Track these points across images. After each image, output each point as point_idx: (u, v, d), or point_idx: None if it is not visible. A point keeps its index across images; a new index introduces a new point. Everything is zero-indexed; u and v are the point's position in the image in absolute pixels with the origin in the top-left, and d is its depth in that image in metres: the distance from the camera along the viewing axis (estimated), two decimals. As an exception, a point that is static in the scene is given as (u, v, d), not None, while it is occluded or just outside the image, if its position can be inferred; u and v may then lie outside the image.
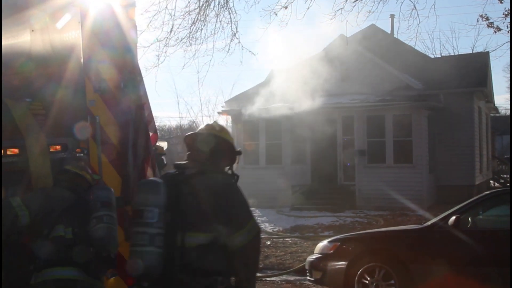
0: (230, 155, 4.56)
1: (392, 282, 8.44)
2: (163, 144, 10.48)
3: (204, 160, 4.37)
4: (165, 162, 10.38)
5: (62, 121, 5.87)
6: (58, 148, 5.73)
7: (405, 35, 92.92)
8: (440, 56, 36.13)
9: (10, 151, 5.34)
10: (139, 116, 6.38)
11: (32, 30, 6.10)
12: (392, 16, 30.84)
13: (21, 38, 6.09)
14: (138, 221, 4.08)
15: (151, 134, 6.79)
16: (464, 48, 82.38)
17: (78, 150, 5.75)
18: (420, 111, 22.05)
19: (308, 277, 9.69)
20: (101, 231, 4.79)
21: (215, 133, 4.46)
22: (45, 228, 4.79)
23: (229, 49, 14.80)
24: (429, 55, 33.93)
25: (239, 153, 4.61)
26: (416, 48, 34.19)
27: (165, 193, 4.09)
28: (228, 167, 4.55)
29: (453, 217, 8.32)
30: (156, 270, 4.00)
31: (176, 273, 4.01)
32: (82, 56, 5.97)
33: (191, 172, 4.26)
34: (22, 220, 4.73)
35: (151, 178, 4.72)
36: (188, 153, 4.48)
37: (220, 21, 14.13)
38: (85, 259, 4.81)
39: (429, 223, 8.93)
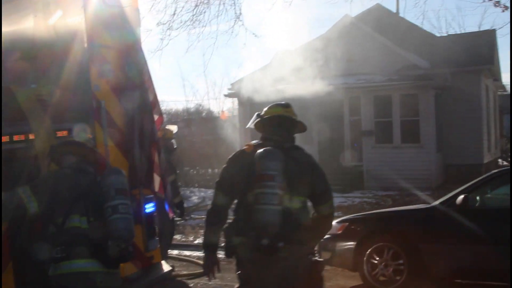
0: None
1: (401, 261, 8.43)
2: (173, 128, 10.44)
3: (292, 138, 5.26)
4: (174, 146, 10.36)
5: (67, 107, 5.87)
6: (65, 133, 5.74)
7: (411, 14, 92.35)
8: (446, 34, 35.85)
9: (16, 137, 5.35)
10: (144, 100, 6.38)
11: (35, 16, 6.09)
12: (398, -5, 30.66)
13: (25, 24, 6.08)
14: (268, 183, 4.54)
15: (156, 117, 6.78)
16: (471, 26, 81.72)
17: (89, 135, 5.67)
18: (427, 90, 21.94)
19: (317, 258, 9.69)
20: (118, 222, 4.78)
21: (296, 118, 5.44)
22: (59, 217, 4.72)
23: (232, 31, 14.74)
24: (436, 34, 33.67)
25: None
26: (423, 27, 33.98)
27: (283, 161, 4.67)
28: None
29: (461, 196, 8.28)
30: (276, 227, 4.52)
31: (291, 231, 4.64)
32: (85, 40, 5.96)
33: (287, 146, 5.01)
34: (31, 210, 4.67)
35: (270, 148, 4.78)
36: (275, 131, 5.20)
37: (224, 4, 14.07)
38: (103, 251, 4.77)
39: (437, 202, 8.89)
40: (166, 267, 7.09)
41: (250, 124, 5.51)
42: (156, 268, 6.87)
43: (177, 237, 14.16)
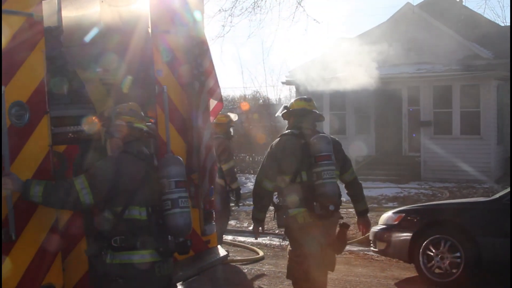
0: None
1: (458, 254, 8.33)
2: (233, 116, 10.55)
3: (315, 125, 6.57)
4: (232, 134, 10.47)
5: (131, 91, 5.98)
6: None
7: (473, 2, 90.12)
8: (510, 24, 34.92)
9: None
10: (204, 86, 6.45)
11: (102, 1, 6.21)
12: (461, -17, 29.98)
13: (91, 9, 6.22)
14: (328, 162, 5.95)
15: (216, 102, 6.84)
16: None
17: (151, 120, 5.72)
18: (489, 81, 21.44)
19: (372, 248, 9.67)
20: (177, 217, 4.83)
21: (316, 110, 6.55)
22: (118, 206, 4.72)
23: (294, 17, 14.72)
24: (499, 23, 32.85)
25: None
26: (485, 16, 33.20)
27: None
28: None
29: (523, 190, 8.14)
30: (338, 196, 6.17)
31: (338, 199, 6.21)
32: (150, 26, 6.05)
33: (308, 133, 6.29)
34: (86, 202, 4.63)
35: (322, 134, 6.31)
36: (301, 120, 6.41)
37: (286, -11, 14.02)
38: (162, 243, 4.81)
39: (497, 195, 8.74)
40: (222, 251, 7.18)
41: (279, 113, 6.74)
42: (212, 252, 6.95)
43: (232, 222, 14.30)
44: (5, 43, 4.56)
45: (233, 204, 10.91)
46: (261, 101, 33.06)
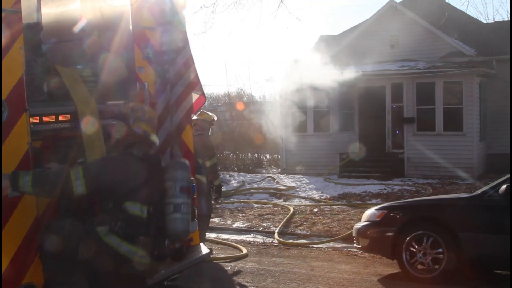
0: None
1: (440, 250, 8.36)
2: (213, 116, 10.58)
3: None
4: (210, 133, 10.48)
5: (112, 88, 5.94)
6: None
7: (456, 0, 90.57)
8: (493, 21, 35.08)
9: (62, 117, 5.43)
10: (184, 82, 6.43)
11: (82, -3, 6.17)
12: (444, -20, 30.06)
13: (71, 6, 6.16)
14: None
15: (198, 95, 6.83)
16: (519, 13, 79.87)
17: None
18: (472, 78, 21.56)
19: (355, 245, 9.69)
20: (178, 223, 4.91)
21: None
22: (110, 203, 4.77)
23: (276, 15, 14.70)
24: (482, 21, 33.01)
25: None
26: (468, 13, 33.41)
27: None
28: None
29: (504, 186, 8.17)
30: None
31: None
32: (131, 22, 6.01)
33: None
34: (77, 191, 4.65)
35: None
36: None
37: (268, -13, 14.02)
38: (157, 247, 4.87)
39: (479, 191, 8.79)
40: (204, 249, 7.15)
41: None
42: (194, 250, 6.92)
43: (216, 220, 14.28)
44: (-17, 40, 4.51)
45: (212, 201, 10.90)
46: (245, 98, 33.01)
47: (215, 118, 10.63)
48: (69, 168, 4.70)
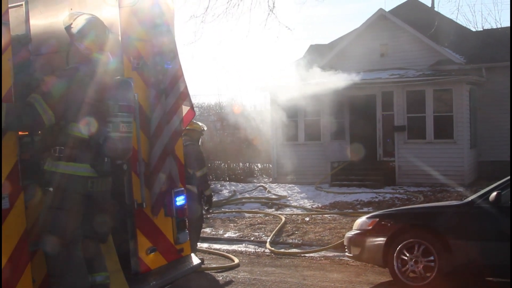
0: None
1: (432, 258, 8.37)
2: (203, 126, 10.59)
3: None
4: (200, 143, 10.49)
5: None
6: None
7: (445, 8, 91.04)
8: (482, 29, 35.32)
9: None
10: (174, 93, 6.42)
11: (71, 9, 6.15)
12: (433, -11, 30.28)
13: (60, 17, 6.14)
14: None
15: (187, 108, 6.82)
16: (507, 21, 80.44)
17: None
18: (461, 85, 21.65)
19: (346, 253, 9.69)
20: (116, 142, 5.13)
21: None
22: (63, 121, 5.04)
23: (265, 24, 14.74)
24: (471, 29, 33.23)
25: None
26: (457, 21, 33.59)
27: None
28: None
29: (494, 193, 8.19)
30: None
31: None
32: (120, 34, 6.01)
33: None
34: (47, 122, 4.94)
35: None
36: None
37: (257, -4, 14.06)
38: (97, 162, 5.12)
39: (469, 199, 8.80)
40: (195, 260, 7.14)
41: None
42: (186, 260, 6.91)
43: (207, 230, 14.25)
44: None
45: (204, 211, 10.88)
46: (236, 108, 33.01)
47: (205, 128, 10.64)
48: (32, 101, 4.91)
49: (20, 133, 5.05)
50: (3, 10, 4.81)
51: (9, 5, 4.96)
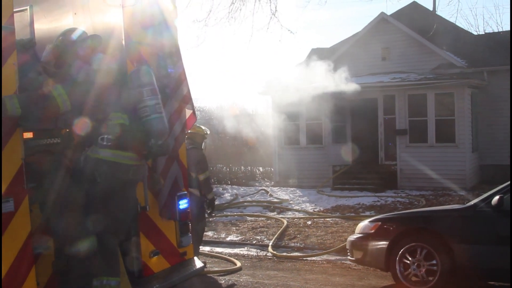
0: None
1: (434, 262, 8.37)
2: (206, 129, 10.59)
3: None
4: (203, 146, 10.48)
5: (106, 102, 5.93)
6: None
7: (446, 12, 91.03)
8: (483, 33, 35.34)
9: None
10: (177, 96, 6.45)
11: (75, 13, 6.18)
12: (435, -7, 30.29)
13: (64, 22, 6.18)
14: None
15: (190, 112, 6.84)
16: (509, 24, 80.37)
17: None
18: (463, 89, 21.65)
19: (349, 257, 9.69)
20: (158, 122, 5.47)
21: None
22: (100, 114, 5.35)
23: (268, 28, 14.75)
24: (472, 32, 33.26)
25: None
26: (459, 25, 33.64)
27: None
28: None
29: (496, 197, 8.20)
30: None
31: None
32: (123, 37, 6.03)
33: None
34: (63, 108, 5.13)
35: None
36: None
37: (259, 0, 14.09)
38: (145, 147, 5.44)
39: (471, 203, 8.81)
40: (198, 263, 7.15)
41: None
42: (189, 264, 6.93)
43: (209, 233, 14.26)
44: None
45: (206, 215, 10.88)
46: (238, 111, 33.02)
47: (208, 132, 10.65)
48: (51, 88, 5.12)
49: (24, 135, 5.07)
50: (8, 15, 4.84)
51: (14, 9, 4.98)
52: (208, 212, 10.53)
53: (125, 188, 5.52)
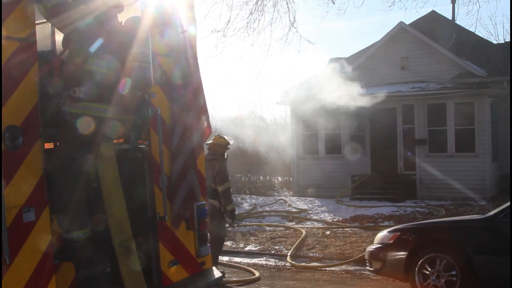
0: None
1: (454, 273, 8.32)
2: (230, 140, 10.57)
3: None
4: (226, 156, 10.49)
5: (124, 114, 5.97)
6: (121, 140, 5.86)
7: (465, 21, 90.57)
8: (503, 42, 35.13)
9: (47, 145, 5.48)
10: (194, 107, 6.48)
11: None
12: (453, 2, 30.19)
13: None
14: None
15: (205, 124, 6.87)
16: (529, 33, 79.79)
17: (140, 141, 5.86)
18: (483, 98, 21.54)
19: (367, 267, 9.66)
20: (137, 70, 5.21)
21: None
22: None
23: (287, 38, 14.78)
24: (492, 41, 33.07)
25: None
26: (478, 33, 33.46)
27: None
28: None
29: (517, 207, 8.15)
30: None
31: None
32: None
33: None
34: None
35: None
36: None
37: (278, 11, 14.15)
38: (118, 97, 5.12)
39: (492, 213, 8.76)
40: (217, 273, 7.15)
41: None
42: (207, 274, 6.92)
43: (228, 243, 14.27)
44: (-1, 68, 4.58)
45: (228, 225, 10.88)
46: (256, 121, 33.11)
47: (231, 142, 10.58)
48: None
49: (46, 146, 5.13)
50: (30, 27, 4.91)
51: (36, 22, 5.05)
52: (230, 223, 10.47)
53: None
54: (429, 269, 8.54)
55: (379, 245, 9.34)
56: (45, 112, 5.06)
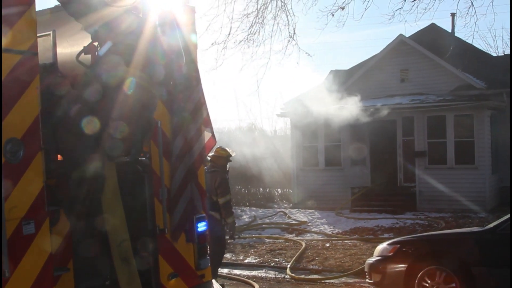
0: None
1: (453, 285, 8.32)
2: (232, 152, 10.56)
3: None
4: (228, 168, 10.48)
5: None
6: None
7: (464, 33, 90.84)
8: (503, 54, 35.24)
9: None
10: (195, 119, 6.49)
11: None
12: (453, 15, 30.26)
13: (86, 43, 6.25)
14: None
15: (209, 135, 6.89)
16: (529, 45, 79.95)
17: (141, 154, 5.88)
18: (482, 111, 21.58)
19: (367, 280, 9.64)
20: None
21: None
22: None
23: (286, 51, 14.82)
24: (492, 53, 33.16)
25: None
26: (477, 46, 33.56)
27: None
28: None
29: (517, 220, 8.16)
30: None
31: None
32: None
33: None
34: None
35: None
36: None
37: (278, 23, 14.20)
38: None
39: (491, 225, 8.76)
40: (216, 285, 7.15)
41: None
42: (206, 286, 6.92)
43: (227, 255, 14.25)
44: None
45: (228, 238, 10.85)
46: (256, 133, 33.13)
47: (233, 154, 10.56)
48: None
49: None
50: (32, 40, 4.94)
51: (38, 34, 5.08)
52: (230, 235, 10.41)
53: None
54: (429, 282, 8.54)
55: (379, 258, 9.34)
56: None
